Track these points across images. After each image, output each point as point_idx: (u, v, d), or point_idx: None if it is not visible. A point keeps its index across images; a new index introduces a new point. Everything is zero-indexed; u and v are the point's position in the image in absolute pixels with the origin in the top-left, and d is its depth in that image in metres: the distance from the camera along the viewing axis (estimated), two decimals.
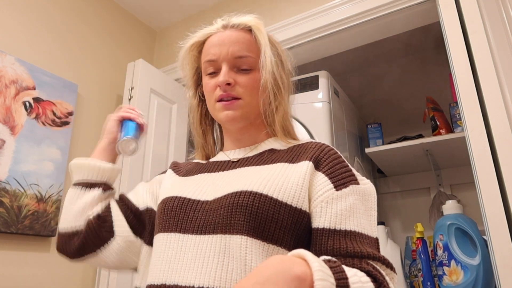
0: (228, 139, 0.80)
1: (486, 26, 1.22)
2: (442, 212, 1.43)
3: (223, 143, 0.84)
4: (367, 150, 1.77)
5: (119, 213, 0.77)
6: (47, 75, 1.69)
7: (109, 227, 0.76)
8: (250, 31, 0.76)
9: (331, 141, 1.61)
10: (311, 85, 1.70)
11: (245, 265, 0.56)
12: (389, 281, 0.53)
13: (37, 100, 1.63)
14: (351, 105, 2.04)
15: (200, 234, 0.61)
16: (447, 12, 1.33)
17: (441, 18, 1.35)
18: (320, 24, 1.70)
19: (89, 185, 0.78)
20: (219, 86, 0.72)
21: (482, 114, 1.16)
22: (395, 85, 2.28)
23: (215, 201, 0.64)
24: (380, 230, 1.63)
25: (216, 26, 0.78)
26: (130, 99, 1.83)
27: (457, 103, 1.55)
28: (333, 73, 1.80)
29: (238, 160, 0.74)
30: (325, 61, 1.92)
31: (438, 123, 1.70)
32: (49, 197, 1.59)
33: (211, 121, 0.84)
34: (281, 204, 0.60)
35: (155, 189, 0.79)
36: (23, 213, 1.50)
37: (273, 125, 0.76)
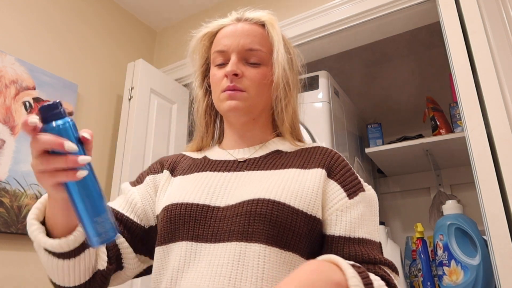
0: (230, 135, 0.78)
1: (486, 26, 1.22)
2: (442, 212, 1.43)
3: (221, 139, 0.82)
4: (367, 150, 1.77)
5: (128, 249, 0.69)
6: (47, 75, 1.69)
7: (118, 264, 0.68)
8: (263, 26, 0.75)
9: (331, 141, 1.61)
10: (311, 85, 1.70)
11: (262, 273, 0.56)
12: (396, 284, 0.59)
13: (37, 100, 1.63)
14: (351, 105, 2.04)
15: (214, 242, 0.60)
16: (447, 12, 1.33)
17: (441, 18, 1.35)
18: (320, 24, 1.70)
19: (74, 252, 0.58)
20: (226, 76, 0.71)
21: (482, 114, 1.16)
22: (395, 85, 2.28)
23: (229, 208, 0.62)
24: (380, 230, 1.62)
25: (229, 18, 0.77)
26: (130, 99, 1.83)
27: (457, 103, 1.55)
28: (333, 73, 1.80)
29: (244, 160, 0.72)
30: (325, 61, 1.92)
31: (438, 123, 1.70)
32: None
33: (215, 114, 0.82)
34: (298, 212, 0.61)
35: (151, 197, 0.73)
36: (23, 213, 1.50)
37: (281, 124, 0.75)
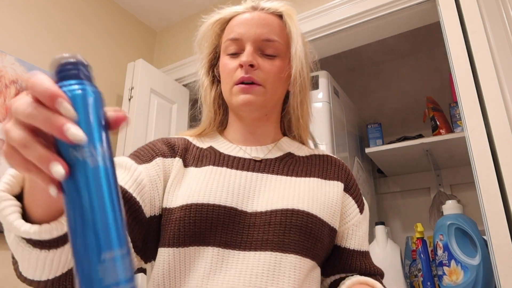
0: (238, 129, 0.73)
1: (486, 26, 1.22)
2: (442, 212, 1.43)
3: (223, 127, 0.77)
4: (367, 150, 1.77)
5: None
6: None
7: None
8: (280, 17, 0.71)
9: (331, 141, 1.61)
10: (311, 85, 1.70)
11: (295, 283, 0.57)
12: None
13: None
14: (351, 105, 2.04)
15: (245, 250, 0.57)
16: (447, 12, 1.33)
17: (441, 18, 1.35)
18: (320, 24, 1.70)
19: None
20: (241, 66, 0.66)
21: (482, 114, 1.16)
22: (395, 85, 2.28)
23: (258, 214, 0.60)
24: (380, 230, 1.63)
25: (244, 5, 0.72)
26: (130, 99, 1.83)
27: (457, 103, 1.55)
28: (333, 73, 1.80)
29: (260, 160, 0.69)
30: (325, 61, 1.92)
31: (438, 123, 1.70)
32: None
33: (224, 105, 0.75)
34: (324, 224, 0.63)
35: (159, 183, 0.62)
36: None
37: (297, 121, 0.73)
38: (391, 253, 1.57)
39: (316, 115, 1.63)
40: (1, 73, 1.52)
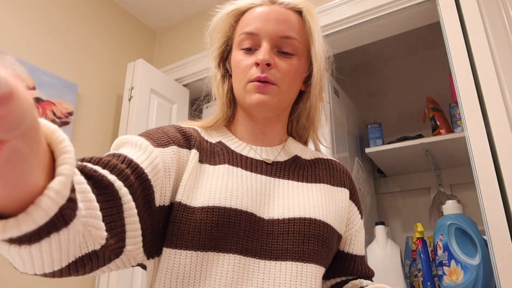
0: (247, 126, 0.70)
1: (486, 26, 1.22)
2: (442, 212, 1.43)
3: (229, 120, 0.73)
4: (367, 150, 1.77)
5: (137, 226, 0.48)
6: (47, 75, 1.69)
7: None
8: (299, 13, 0.67)
9: (331, 141, 1.61)
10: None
11: None
12: None
13: (37, 100, 1.63)
14: (351, 105, 2.04)
15: (266, 259, 0.56)
16: (447, 12, 1.33)
17: (441, 18, 1.35)
18: (320, 22, 1.70)
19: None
20: (257, 64, 0.62)
21: (482, 114, 1.16)
22: (395, 85, 2.28)
23: (275, 222, 0.59)
24: (380, 230, 1.63)
25: None
26: (130, 99, 1.83)
27: (457, 103, 1.55)
28: (333, 73, 1.80)
29: (271, 163, 0.67)
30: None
31: (438, 123, 1.70)
32: None
33: (233, 101, 0.71)
34: (335, 232, 0.64)
35: (172, 172, 0.57)
36: None
37: (312, 124, 0.72)
38: (391, 253, 1.57)
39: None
40: None
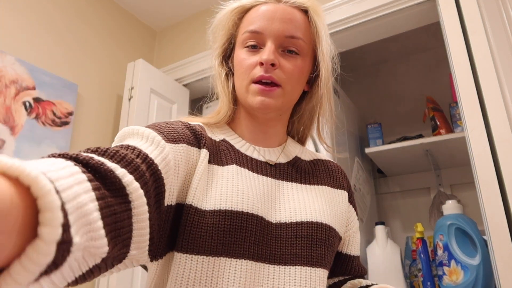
0: (249, 127, 0.68)
1: (486, 26, 1.22)
2: (442, 212, 1.43)
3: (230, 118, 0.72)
4: (367, 150, 1.77)
5: (146, 231, 0.44)
6: (47, 75, 1.69)
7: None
8: (305, 12, 0.66)
9: (331, 141, 1.61)
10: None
11: None
12: None
13: (37, 100, 1.63)
14: (351, 105, 2.04)
15: (276, 264, 0.56)
16: (447, 12, 1.33)
17: (441, 18, 1.35)
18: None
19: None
20: (261, 64, 0.61)
21: (482, 114, 1.16)
22: (395, 85, 2.28)
23: (283, 226, 0.58)
24: (380, 230, 1.63)
25: None
26: (130, 99, 1.83)
27: (457, 103, 1.55)
28: (333, 73, 1.80)
29: (274, 164, 0.66)
30: None
31: (438, 123, 1.70)
32: None
33: (235, 99, 0.70)
34: (337, 235, 0.65)
35: (181, 171, 0.55)
36: None
37: (318, 124, 0.72)
38: (391, 253, 1.57)
39: None
40: (1, 73, 1.52)
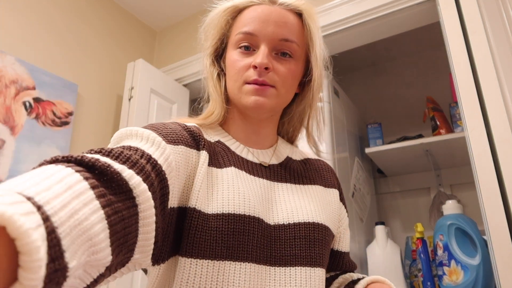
0: (242, 128, 0.68)
1: (486, 26, 1.22)
2: (442, 212, 1.43)
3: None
4: (367, 150, 1.77)
5: (151, 235, 0.43)
6: (47, 75, 1.69)
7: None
8: (299, 15, 0.66)
9: (331, 141, 1.61)
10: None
11: None
12: None
13: (37, 100, 1.63)
14: (351, 105, 2.04)
15: (278, 265, 0.57)
16: (447, 12, 1.33)
17: (441, 18, 1.35)
18: (320, 24, 1.70)
19: None
20: (255, 67, 0.61)
21: (482, 114, 1.16)
22: (395, 85, 2.28)
23: (281, 227, 0.59)
24: (380, 230, 1.63)
25: None
26: (130, 99, 1.83)
27: (457, 103, 1.55)
28: (333, 73, 1.80)
29: (268, 166, 0.67)
30: (325, 61, 1.92)
31: (438, 123, 1.70)
32: None
33: (228, 99, 0.69)
34: (332, 234, 0.66)
35: (181, 173, 0.54)
36: None
37: (308, 125, 0.72)
38: (391, 253, 1.57)
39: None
40: (1, 73, 1.52)
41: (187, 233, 0.53)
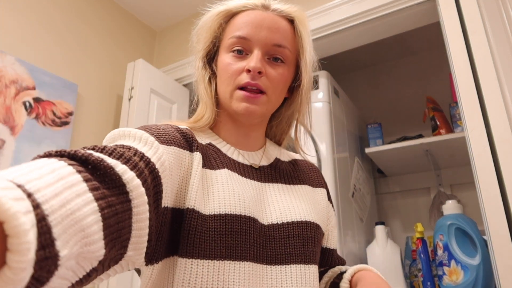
0: (232, 130, 0.69)
1: (486, 26, 1.22)
2: (442, 212, 1.43)
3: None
4: (367, 150, 1.77)
5: (145, 231, 0.43)
6: (47, 75, 1.69)
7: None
8: (290, 21, 0.68)
9: (331, 141, 1.61)
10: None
11: None
12: None
13: (37, 100, 1.63)
14: (351, 105, 2.04)
15: (274, 264, 0.58)
16: (447, 12, 1.33)
17: (441, 18, 1.35)
18: (320, 24, 1.70)
19: None
20: (248, 71, 0.62)
21: (482, 114, 1.16)
22: (395, 85, 2.28)
23: (275, 227, 0.60)
24: (380, 230, 1.63)
25: (253, 1, 0.67)
26: (130, 99, 1.83)
27: (457, 103, 1.55)
28: (333, 73, 1.80)
29: (258, 168, 0.68)
30: (325, 61, 1.92)
31: (438, 123, 1.70)
32: None
33: (218, 102, 0.69)
34: (322, 232, 0.68)
35: (174, 173, 0.54)
36: None
37: (297, 129, 0.73)
38: (391, 253, 1.57)
39: (316, 115, 1.64)
40: (1, 73, 1.52)
41: (186, 234, 0.53)
